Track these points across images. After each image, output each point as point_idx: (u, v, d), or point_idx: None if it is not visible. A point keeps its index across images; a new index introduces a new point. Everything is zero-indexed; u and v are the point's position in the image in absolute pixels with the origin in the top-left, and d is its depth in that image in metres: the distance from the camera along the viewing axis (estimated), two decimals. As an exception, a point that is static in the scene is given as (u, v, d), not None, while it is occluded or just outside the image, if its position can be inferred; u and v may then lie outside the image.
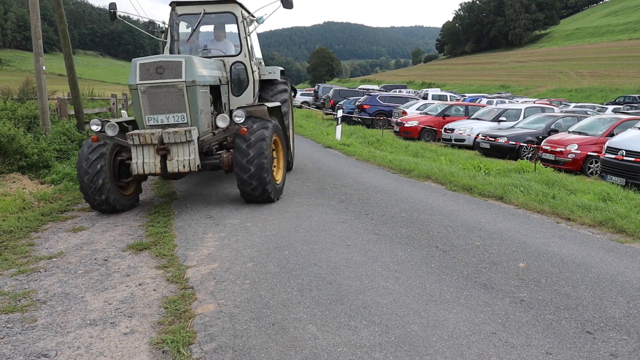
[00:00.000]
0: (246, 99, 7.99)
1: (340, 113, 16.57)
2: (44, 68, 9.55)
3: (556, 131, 12.54)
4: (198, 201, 7.04)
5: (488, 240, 5.18)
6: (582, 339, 3.09)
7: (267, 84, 8.67)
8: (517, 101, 26.80)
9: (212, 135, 6.48)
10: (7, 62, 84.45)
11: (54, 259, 4.61)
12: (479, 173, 9.02)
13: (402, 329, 3.20)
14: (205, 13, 7.60)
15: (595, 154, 10.13)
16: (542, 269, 4.32)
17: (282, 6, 7.39)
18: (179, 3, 7.54)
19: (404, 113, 19.71)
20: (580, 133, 11.42)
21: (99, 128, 6.10)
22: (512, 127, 14.10)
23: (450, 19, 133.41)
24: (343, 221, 5.88)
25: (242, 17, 7.81)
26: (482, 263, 4.46)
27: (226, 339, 3.07)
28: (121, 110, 14.20)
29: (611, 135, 10.34)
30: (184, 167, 5.96)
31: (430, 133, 16.99)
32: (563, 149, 10.64)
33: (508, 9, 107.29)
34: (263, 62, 9.30)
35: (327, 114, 25.25)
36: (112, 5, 7.33)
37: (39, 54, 9.37)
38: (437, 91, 33.04)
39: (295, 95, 18.13)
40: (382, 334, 3.14)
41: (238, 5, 7.77)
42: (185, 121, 6.11)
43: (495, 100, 27.49)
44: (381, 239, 5.17)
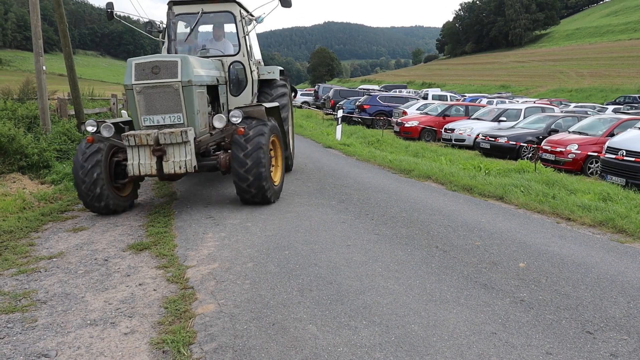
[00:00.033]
0: (245, 99, 7.92)
1: (340, 113, 16.57)
2: (44, 68, 9.56)
3: (556, 131, 12.54)
4: (198, 201, 7.05)
5: (488, 240, 5.18)
6: (583, 339, 3.10)
7: (266, 84, 8.60)
8: (517, 101, 26.80)
9: (210, 135, 6.40)
10: (8, 62, 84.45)
11: (54, 259, 4.61)
12: (479, 173, 9.02)
13: (403, 329, 3.20)
14: (203, 12, 7.54)
15: (595, 154, 10.13)
16: (543, 269, 4.32)
17: (281, 5, 7.35)
18: (177, 2, 7.49)
19: (404, 113, 19.71)
20: (580, 133, 11.42)
21: (95, 129, 6.04)
22: (513, 127, 14.10)
23: (450, 19, 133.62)
24: (343, 221, 5.88)
25: (241, 17, 7.76)
26: (483, 263, 4.46)
27: (226, 339, 3.07)
28: (121, 110, 14.18)
29: (611, 135, 10.34)
30: (180, 169, 5.88)
31: (430, 133, 16.98)
32: (563, 149, 10.64)
33: (508, 9, 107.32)
34: (262, 62, 9.24)
35: (327, 114, 25.26)
36: (110, 4, 7.29)
37: (39, 54, 9.38)
38: (437, 91, 33.05)
39: (295, 95, 18.10)
40: (383, 334, 3.14)
41: (236, 4, 7.72)
42: (181, 122, 6.02)
43: (495, 100, 27.50)
44: (381, 239, 5.17)
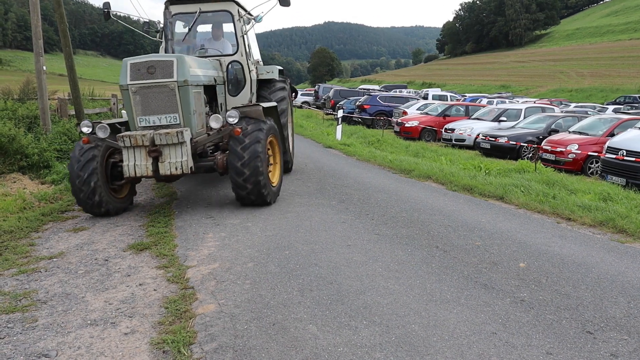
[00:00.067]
0: (243, 99, 7.85)
1: (340, 113, 16.57)
2: (45, 68, 9.56)
3: (556, 131, 12.54)
4: (198, 201, 7.05)
5: (488, 240, 5.18)
6: (583, 339, 3.09)
7: (266, 84, 8.52)
8: (518, 101, 26.81)
9: (207, 136, 6.31)
10: (8, 62, 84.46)
11: (55, 259, 4.61)
12: (480, 173, 9.02)
13: (403, 329, 3.20)
14: (201, 12, 7.47)
15: (595, 154, 10.13)
16: (543, 269, 4.32)
17: (279, 4, 7.30)
18: (174, 2, 7.43)
19: (405, 113, 19.71)
20: (580, 133, 11.41)
21: (90, 130, 5.95)
22: (513, 127, 14.10)
23: (450, 19, 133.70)
24: (343, 221, 5.88)
25: (239, 16, 7.70)
26: (483, 263, 4.46)
27: (227, 339, 3.07)
28: (122, 110, 14.16)
29: (612, 135, 10.34)
30: (177, 170, 5.80)
31: (430, 133, 16.98)
32: (563, 149, 10.64)
33: (508, 9, 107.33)
34: (261, 62, 9.17)
35: (328, 114, 25.25)
36: (106, 4, 7.22)
37: (40, 54, 9.38)
38: (438, 91, 33.05)
39: (296, 96, 18.05)
40: (383, 334, 3.14)
41: (235, 3, 7.66)
42: (177, 122, 5.94)
43: (495, 100, 27.51)
44: (382, 239, 5.17)
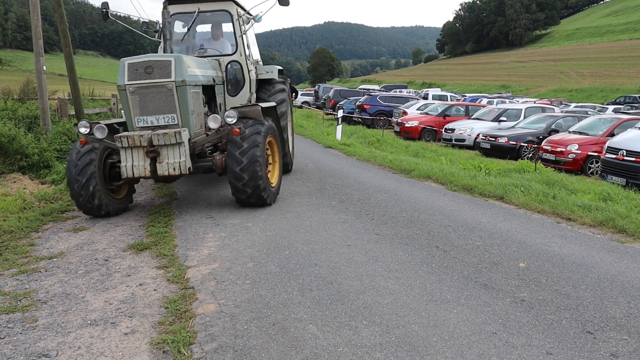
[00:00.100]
0: (243, 99, 7.81)
1: (340, 113, 16.57)
2: (45, 68, 9.56)
3: (557, 131, 12.54)
4: (198, 201, 7.05)
5: (488, 240, 5.18)
6: (583, 339, 3.09)
7: (265, 84, 8.49)
8: (518, 101, 26.81)
9: (205, 136, 6.27)
10: (8, 62, 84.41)
11: (55, 259, 4.61)
12: (480, 173, 9.02)
13: (403, 329, 3.20)
14: (199, 11, 7.44)
15: (595, 154, 10.13)
16: (543, 269, 4.32)
17: (279, 3, 7.28)
18: (172, 1, 7.40)
19: (405, 113, 19.72)
20: (580, 133, 11.41)
21: (87, 130, 5.90)
22: (513, 127, 14.10)
23: (450, 19, 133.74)
24: (343, 221, 5.88)
25: (238, 15, 7.67)
26: (483, 263, 4.46)
27: (227, 339, 3.07)
28: (121, 110, 14.17)
29: (612, 135, 10.34)
30: (175, 170, 5.76)
31: (430, 133, 16.98)
32: (563, 149, 10.64)
33: (508, 9, 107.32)
34: (261, 62, 9.13)
35: (328, 114, 25.25)
36: (105, 4, 7.17)
37: (40, 54, 9.38)
38: (438, 91, 33.04)
39: (296, 96, 18.04)
40: (383, 334, 3.14)
41: (233, 3, 7.62)
42: (175, 122, 5.90)
43: (495, 100, 27.50)
44: (382, 239, 5.17)
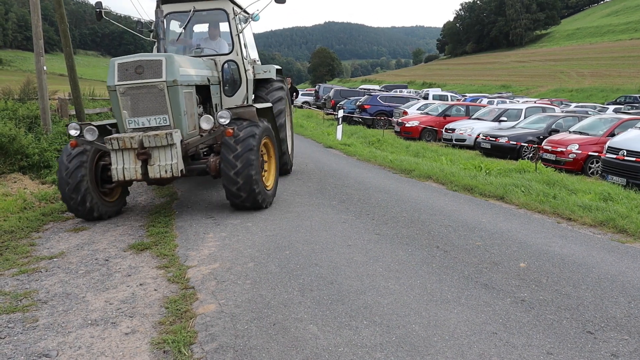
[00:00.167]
0: (239, 99, 7.69)
1: (341, 113, 16.55)
2: (45, 68, 9.56)
3: (557, 131, 12.54)
4: (199, 201, 7.05)
5: (489, 240, 5.18)
6: (583, 339, 3.09)
7: (263, 84, 8.37)
8: (518, 101, 26.81)
9: (199, 137, 6.09)
10: (8, 62, 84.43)
11: (55, 259, 4.61)
12: (480, 173, 9.02)
13: (403, 329, 3.20)
14: (195, 10, 7.35)
15: (596, 154, 10.12)
16: (543, 269, 4.32)
17: (275, 1, 7.20)
18: (165, 1, 7.32)
19: (405, 113, 19.72)
20: (581, 133, 11.41)
21: (78, 132, 5.71)
22: (513, 127, 14.10)
23: (451, 19, 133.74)
24: (344, 221, 5.88)
25: (234, 14, 7.57)
26: (483, 263, 4.46)
27: (227, 339, 3.07)
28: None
29: (612, 135, 10.34)
30: (166, 173, 5.58)
31: (431, 133, 16.98)
32: (564, 149, 10.63)
33: (509, 9, 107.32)
34: (259, 61, 9.01)
35: (328, 114, 25.24)
36: (98, 4, 7.07)
37: (40, 54, 9.38)
38: (438, 91, 33.03)
39: (297, 96, 18.02)
40: (383, 334, 3.14)
41: (229, 1, 7.53)
42: (167, 123, 5.74)
43: (496, 100, 27.50)
44: (382, 239, 5.17)
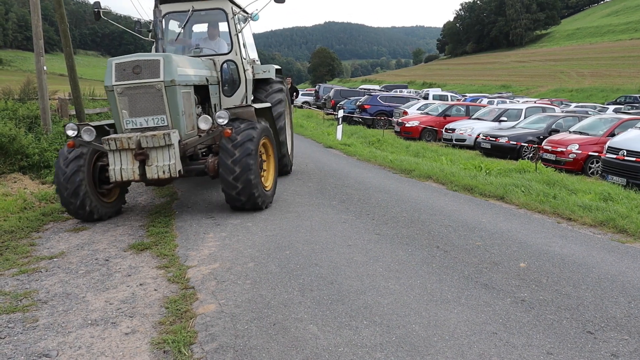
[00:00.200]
0: (238, 100, 7.67)
1: (341, 113, 16.55)
2: (45, 68, 9.56)
3: (557, 131, 12.54)
4: (199, 201, 7.05)
5: (489, 240, 5.18)
6: (583, 339, 3.09)
7: (262, 84, 8.34)
8: (518, 101, 26.81)
9: (198, 138, 6.04)
10: (8, 62, 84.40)
11: (55, 259, 4.61)
12: (480, 173, 9.02)
13: (403, 329, 3.20)
14: (193, 10, 7.32)
15: (596, 154, 10.13)
16: (543, 269, 4.31)
17: (274, 1, 7.18)
18: (164, 0, 7.30)
19: (405, 113, 19.72)
20: (581, 133, 11.41)
21: (75, 133, 5.67)
22: (513, 127, 14.10)
23: (451, 19, 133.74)
24: (344, 221, 5.88)
25: (233, 13, 7.54)
26: (483, 263, 4.46)
27: (227, 339, 3.07)
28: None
29: (612, 135, 10.34)
30: (164, 173, 5.55)
31: (431, 133, 16.99)
32: (564, 149, 10.63)
33: (509, 9, 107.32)
34: (258, 61, 8.99)
35: (328, 114, 25.24)
36: (96, 4, 7.03)
37: (40, 54, 9.38)
38: (438, 91, 33.04)
39: (297, 96, 18.03)
40: (383, 334, 3.14)
41: (228, 1, 7.50)
42: (165, 124, 5.71)
43: (496, 100, 27.50)
44: (382, 239, 5.16)
